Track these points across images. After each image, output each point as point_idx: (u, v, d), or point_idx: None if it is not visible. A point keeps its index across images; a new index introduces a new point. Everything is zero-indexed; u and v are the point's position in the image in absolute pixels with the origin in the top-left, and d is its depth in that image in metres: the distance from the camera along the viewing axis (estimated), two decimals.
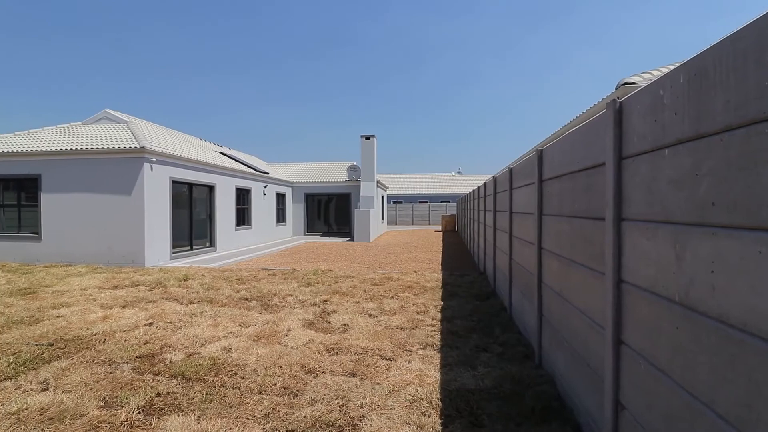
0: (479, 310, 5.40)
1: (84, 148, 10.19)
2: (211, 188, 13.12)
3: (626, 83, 5.87)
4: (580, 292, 2.52)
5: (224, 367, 3.60)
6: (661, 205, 1.60)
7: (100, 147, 10.13)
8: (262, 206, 17.10)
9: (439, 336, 4.41)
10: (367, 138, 19.48)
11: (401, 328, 4.73)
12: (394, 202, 35.99)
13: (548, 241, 3.25)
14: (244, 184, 15.38)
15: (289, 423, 2.68)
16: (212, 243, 13.12)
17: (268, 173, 18.01)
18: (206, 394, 3.11)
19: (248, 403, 2.98)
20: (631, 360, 1.84)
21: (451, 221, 25.39)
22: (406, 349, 4.04)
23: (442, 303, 5.91)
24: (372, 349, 4.03)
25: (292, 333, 4.58)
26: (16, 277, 8.05)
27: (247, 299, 6.25)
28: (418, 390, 3.11)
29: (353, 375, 3.45)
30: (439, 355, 3.86)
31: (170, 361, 3.74)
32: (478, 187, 9.30)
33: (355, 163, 22.96)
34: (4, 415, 2.79)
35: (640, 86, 1.83)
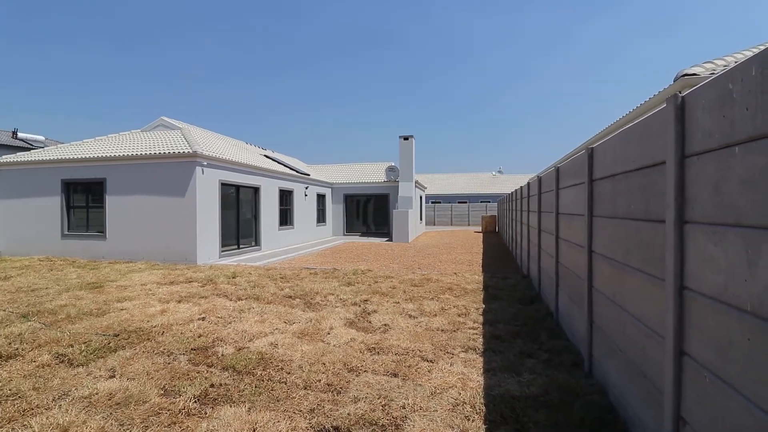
0: (523, 315, 5.24)
1: (143, 153, 10.98)
2: (256, 190, 13.68)
3: (686, 74, 5.48)
4: (636, 298, 2.39)
5: (271, 362, 3.75)
6: (730, 207, 1.49)
7: (156, 152, 10.87)
8: (304, 207, 17.59)
9: (481, 340, 4.33)
10: (406, 138, 19.49)
11: (442, 330, 4.70)
12: (432, 203, 35.72)
13: (599, 244, 3.10)
14: (286, 185, 15.90)
15: (334, 419, 2.75)
16: (257, 242, 13.68)
17: (309, 174, 18.50)
18: (255, 387, 3.26)
19: (294, 397, 3.09)
20: (695, 372, 1.72)
21: (492, 222, 24.81)
22: (447, 352, 4.00)
23: (483, 306, 5.80)
24: (413, 350, 4.04)
25: (334, 331, 4.68)
26: (84, 273, 8.82)
27: (290, 297, 6.46)
28: (460, 393, 3.07)
29: (395, 375, 3.47)
30: (481, 359, 3.80)
31: (222, 354, 3.95)
32: (521, 187, 9.03)
33: (393, 164, 23.06)
34: (78, 398, 3.07)
35: (702, 77, 1.71)
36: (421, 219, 24.37)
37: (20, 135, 28.81)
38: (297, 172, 17.43)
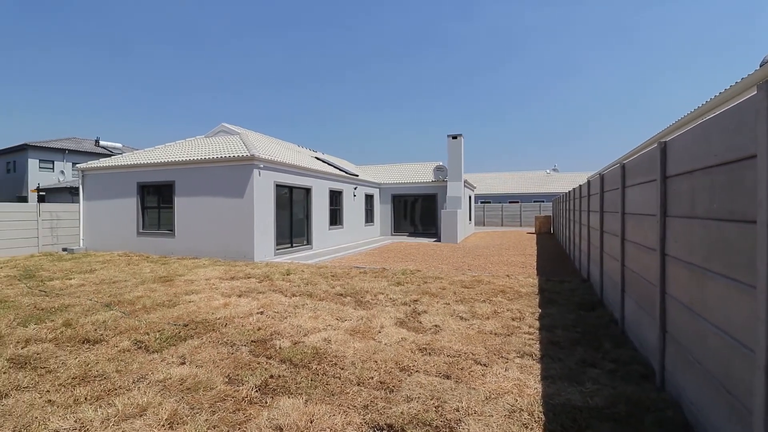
0: (584, 321, 4.95)
1: (206, 157, 11.79)
2: (307, 191, 14.16)
3: None
4: (720, 306, 2.17)
5: (325, 357, 3.86)
6: None
7: (218, 156, 11.62)
8: (352, 207, 17.92)
9: (538, 345, 4.15)
10: (454, 137, 19.19)
11: (495, 334, 4.57)
12: (481, 202, 34.86)
13: (674, 246, 2.85)
14: (336, 186, 16.29)
15: (387, 417, 2.77)
16: (309, 241, 14.15)
17: (357, 175, 18.81)
18: (311, 380, 3.37)
19: (348, 393, 3.15)
20: None
21: (546, 222, 23.72)
22: (501, 356, 3.88)
23: (539, 310, 5.55)
24: (465, 353, 3.96)
25: (385, 330, 4.72)
26: (157, 267, 9.63)
27: (341, 295, 6.60)
28: (517, 400, 2.97)
29: (447, 377, 3.43)
30: (539, 365, 3.64)
31: (279, 347, 4.13)
32: (580, 186, 8.54)
33: (441, 163, 22.81)
34: (154, 382, 3.36)
35: None
36: (470, 219, 23.88)
37: (101, 143, 32.18)
38: (346, 173, 17.81)
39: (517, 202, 34.67)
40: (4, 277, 8.41)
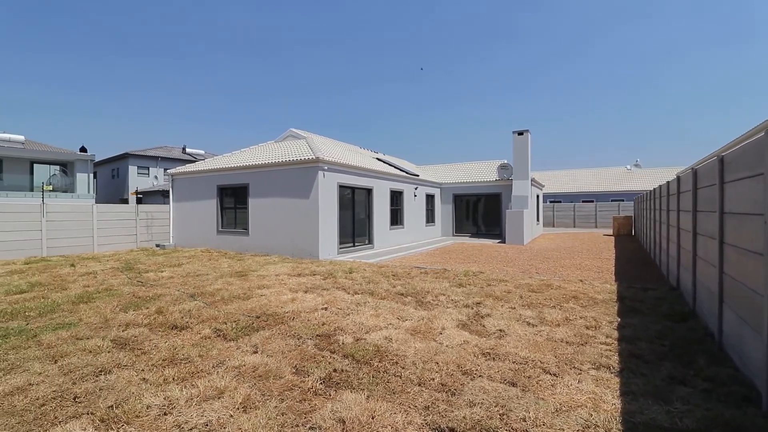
0: (672, 334, 4.44)
1: (276, 161, 12.52)
2: (369, 191, 14.42)
3: None
4: None
5: (386, 355, 3.89)
6: None
7: (286, 159, 12.28)
8: (413, 207, 17.90)
9: (616, 357, 3.80)
10: (520, 133, 18.34)
11: (566, 342, 4.27)
12: (551, 202, 32.85)
13: None
14: (397, 186, 16.39)
15: (449, 420, 2.71)
16: (370, 240, 14.40)
17: (418, 175, 18.75)
18: (372, 377, 3.42)
19: (409, 392, 3.14)
20: None
21: (626, 223, 21.71)
22: (574, 367, 3.61)
23: (618, 319, 5.08)
24: (533, 361, 3.75)
25: (447, 332, 4.63)
26: (233, 263, 10.43)
27: (402, 294, 6.62)
28: (591, 415, 2.74)
29: (512, 384, 3.27)
30: (617, 379, 3.33)
31: (342, 343, 4.25)
32: (668, 182, 7.68)
33: (506, 161, 21.92)
34: (231, 367, 3.63)
35: None
36: (537, 220, 22.65)
37: (187, 150, 35.70)
38: (406, 173, 17.84)
39: (592, 201, 32.15)
40: (110, 269, 9.68)
